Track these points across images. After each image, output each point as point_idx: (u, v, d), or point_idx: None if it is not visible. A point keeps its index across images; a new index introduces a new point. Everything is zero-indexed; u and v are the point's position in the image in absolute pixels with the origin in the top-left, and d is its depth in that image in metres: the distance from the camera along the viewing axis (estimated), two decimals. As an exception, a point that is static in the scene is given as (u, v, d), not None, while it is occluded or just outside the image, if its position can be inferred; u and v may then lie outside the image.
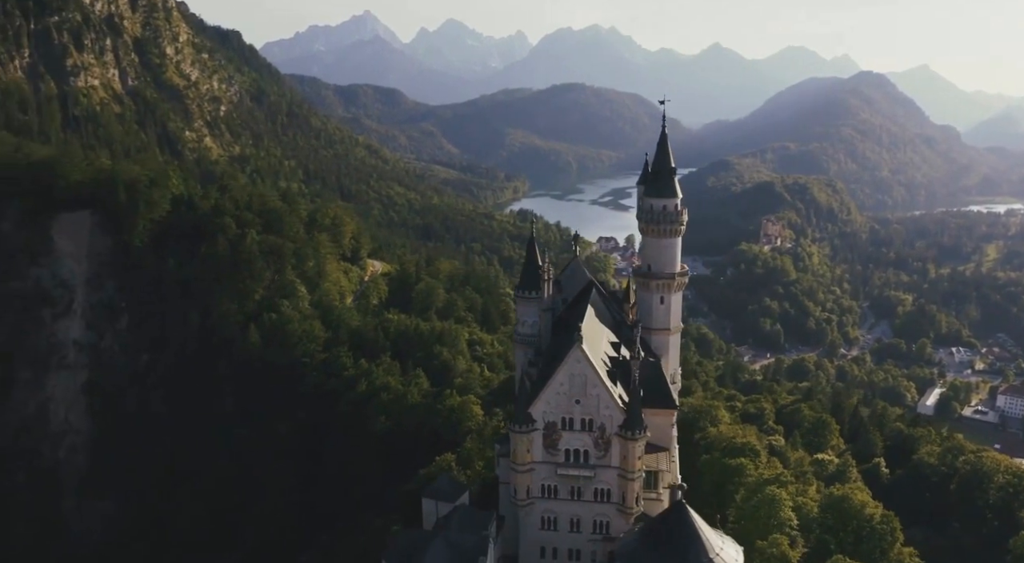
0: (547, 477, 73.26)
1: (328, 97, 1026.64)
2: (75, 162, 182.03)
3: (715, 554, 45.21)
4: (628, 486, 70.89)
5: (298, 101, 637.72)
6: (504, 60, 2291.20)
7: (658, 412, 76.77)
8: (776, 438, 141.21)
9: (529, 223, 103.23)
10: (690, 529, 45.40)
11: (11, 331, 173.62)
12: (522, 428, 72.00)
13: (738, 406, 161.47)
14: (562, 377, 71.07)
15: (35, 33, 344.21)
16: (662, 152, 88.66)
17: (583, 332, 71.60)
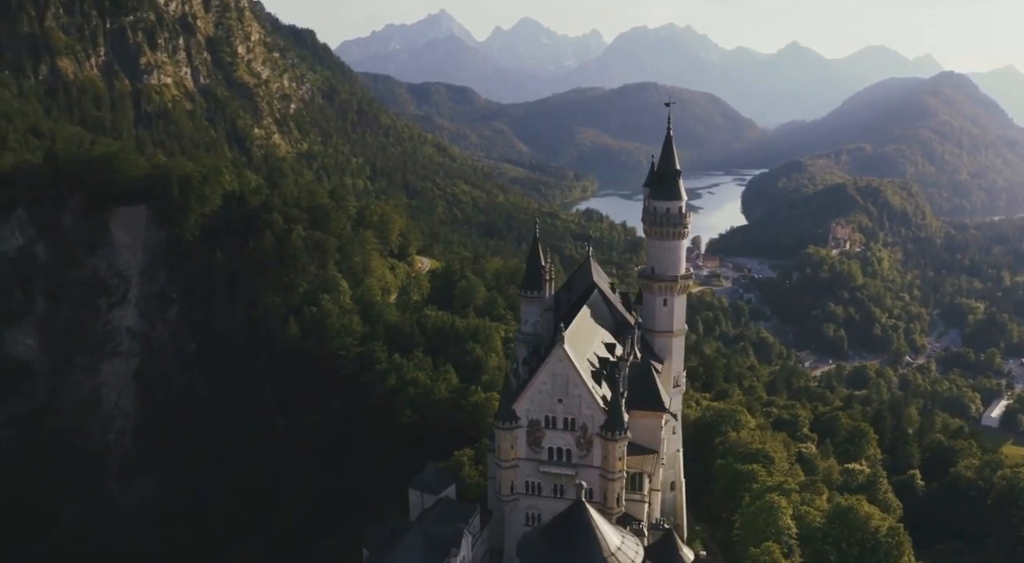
0: (531, 474, 74.17)
1: (401, 95, 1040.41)
2: (132, 158, 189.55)
3: (610, 553, 45.59)
4: (609, 486, 71.31)
5: (368, 99, 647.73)
6: (578, 59, 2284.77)
7: (647, 414, 76.94)
8: (807, 446, 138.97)
9: (533, 223, 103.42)
10: (587, 528, 45.83)
11: (70, 318, 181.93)
12: (506, 425, 73.04)
13: (774, 412, 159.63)
14: (544, 376, 71.84)
15: (111, 32, 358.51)
16: (667, 154, 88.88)
17: (567, 333, 72.18)
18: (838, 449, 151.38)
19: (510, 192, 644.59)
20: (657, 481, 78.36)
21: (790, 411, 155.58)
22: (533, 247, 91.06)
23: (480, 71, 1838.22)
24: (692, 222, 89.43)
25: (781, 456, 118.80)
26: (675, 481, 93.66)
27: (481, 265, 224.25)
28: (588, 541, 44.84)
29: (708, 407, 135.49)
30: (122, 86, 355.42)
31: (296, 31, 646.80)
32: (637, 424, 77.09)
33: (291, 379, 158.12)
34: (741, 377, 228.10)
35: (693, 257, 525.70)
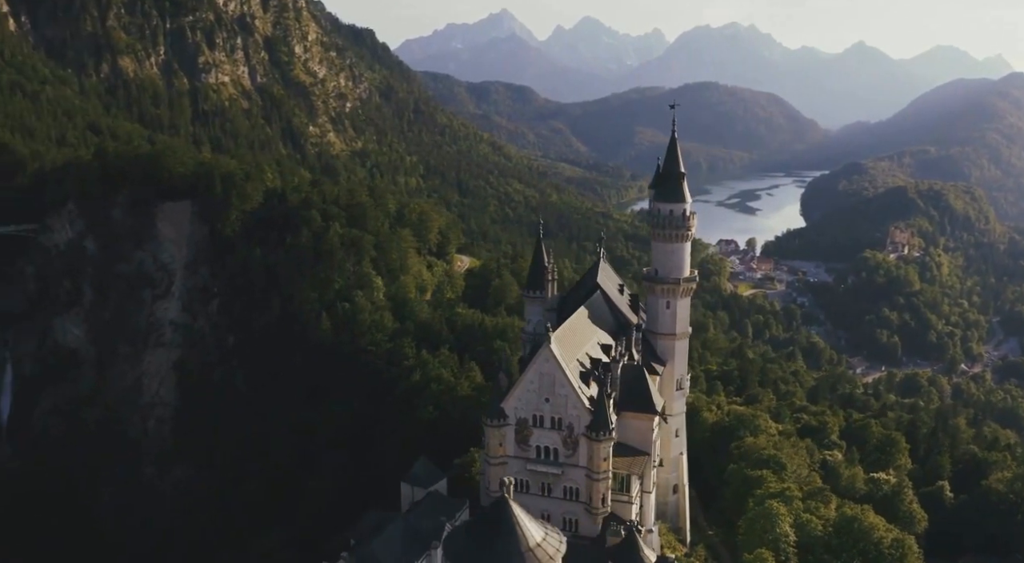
0: (518, 472, 75.04)
1: (460, 94, 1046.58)
2: (178, 156, 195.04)
3: (530, 547, 46.29)
4: (594, 486, 71.90)
5: (425, 98, 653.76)
6: (640, 58, 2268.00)
7: (638, 416, 77.29)
8: (832, 453, 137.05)
9: (539, 224, 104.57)
10: (508, 521, 46.56)
11: (116, 309, 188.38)
12: (494, 422, 74.17)
13: (804, 418, 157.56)
14: (532, 375, 72.74)
15: (170, 32, 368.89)
16: (671, 156, 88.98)
17: (556, 333, 72.95)
18: (868, 458, 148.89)
19: (565, 192, 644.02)
20: (649, 483, 78.47)
21: (819, 418, 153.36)
22: (537, 248, 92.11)
23: (540, 70, 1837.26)
24: (696, 224, 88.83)
25: (799, 462, 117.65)
26: (678, 484, 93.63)
27: (519, 264, 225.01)
28: (508, 536, 45.68)
29: (730, 411, 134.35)
30: (180, 84, 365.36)
31: (356, 31, 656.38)
32: (628, 425, 77.62)
33: (322, 373, 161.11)
34: (783, 382, 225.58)
35: (747, 259, 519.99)
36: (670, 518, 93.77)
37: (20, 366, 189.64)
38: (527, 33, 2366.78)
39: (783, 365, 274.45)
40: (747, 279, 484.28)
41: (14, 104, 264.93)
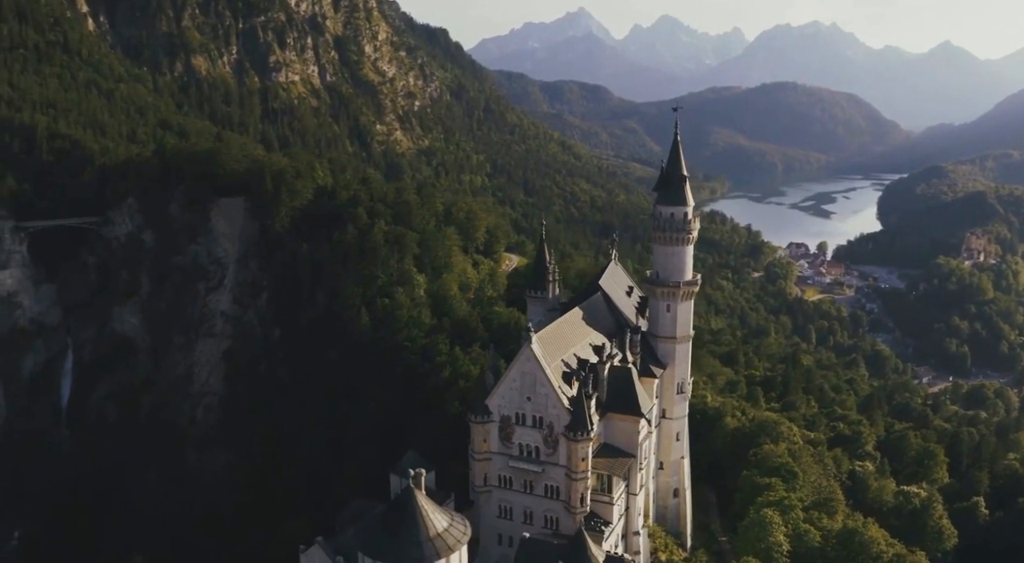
0: (502, 468, 76.51)
1: (534, 93, 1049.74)
2: (233, 153, 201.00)
3: (434, 535, 47.55)
4: (573, 486, 72.78)
5: (496, 97, 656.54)
6: (719, 57, 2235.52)
7: (624, 418, 77.76)
8: (864, 464, 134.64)
9: (538, 225, 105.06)
10: (412, 511, 47.91)
11: (171, 300, 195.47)
12: (478, 418, 75.75)
13: (839, 427, 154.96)
14: (514, 373, 74.00)
15: (243, 32, 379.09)
16: (674, 159, 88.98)
17: (539, 333, 73.97)
18: (905, 470, 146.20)
19: (633, 192, 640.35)
20: (635, 485, 78.81)
21: (854, 427, 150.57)
22: (540, 249, 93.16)
23: (617, 69, 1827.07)
24: (697, 227, 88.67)
25: (817, 471, 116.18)
26: (678, 488, 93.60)
27: (565, 264, 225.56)
28: (412, 524, 47.24)
29: (754, 417, 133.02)
30: (251, 83, 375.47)
31: (429, 30, 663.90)
32: (614, 427, 78.26)
33: (360, 367, 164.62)
34: (836, 390, 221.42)
35: (817, 263, 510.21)
36: (670, 522, 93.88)
37: (80, 352, 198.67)
38: (604, 32, 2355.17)
39: (839, 372, 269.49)
40: (815, 284, 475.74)
41: (89, 101, 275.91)
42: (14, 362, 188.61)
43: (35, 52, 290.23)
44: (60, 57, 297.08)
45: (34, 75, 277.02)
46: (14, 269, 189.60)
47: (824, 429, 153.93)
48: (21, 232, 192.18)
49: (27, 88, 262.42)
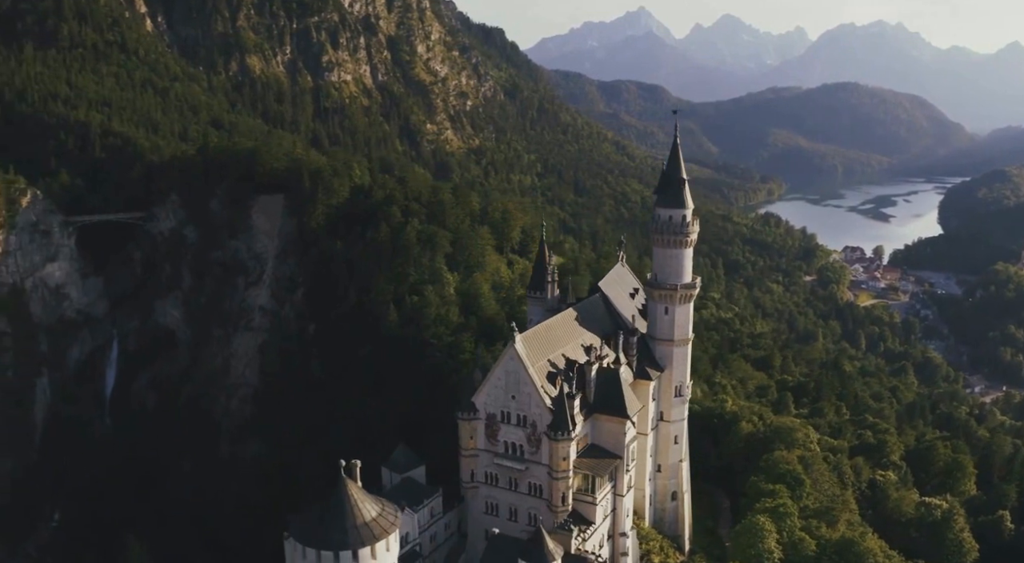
0: (488, 465, 77.62)
1: (591, 93, 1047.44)
2: (273, 152, 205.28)
3: (360, 523, 48.94)
4: (554, 485, 73.53)
5: (550, 97, 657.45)
6: (780, 56, 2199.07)
7: (611, 419, 78.20)
8: (885, 474, 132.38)
9: (540, 226, 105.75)
10: (341, 500, 49.52)
11: (211, 294, 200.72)
12: (465, 415, 77.06)
13: (865, 435, 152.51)
14: (499, 372, 75.06)
15: (296, 32, 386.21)
16: (673, 161, 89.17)
17: (524, 333, 74.88)
18: (932, 481, 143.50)
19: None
20: (622, 486, 79.16)
21: (879, 436, 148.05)
22: (540, 250, 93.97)
23: (676, 69, 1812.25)
24: (696, 230, 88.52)
25: (829, 480, 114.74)
26: (677, 491, 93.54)
27: (600, 265, 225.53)
28: (343, 511, 48.97)
29: (772, 422, 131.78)
30: (304, 82, 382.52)
31: (485, 30, 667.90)
32: (601, 428, 78.80)
33: (388, 364, 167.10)
34: (876, 398, 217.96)
35: (873, 268, 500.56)
36: (668, 525, 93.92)
37: (125, 343, 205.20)
38: (664, 31, 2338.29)
39: (883, 380, 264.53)
40: (869, 288, 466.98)
41: (144, 100, 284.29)
42: (61, 351, 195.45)
43: (93, 52, 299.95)
44: (118, 56, 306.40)
45: (92, 74, 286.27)
46: (62, 262, 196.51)
47: (849, 437, 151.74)
48: (70, 227, 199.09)
49: (84, 86, 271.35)
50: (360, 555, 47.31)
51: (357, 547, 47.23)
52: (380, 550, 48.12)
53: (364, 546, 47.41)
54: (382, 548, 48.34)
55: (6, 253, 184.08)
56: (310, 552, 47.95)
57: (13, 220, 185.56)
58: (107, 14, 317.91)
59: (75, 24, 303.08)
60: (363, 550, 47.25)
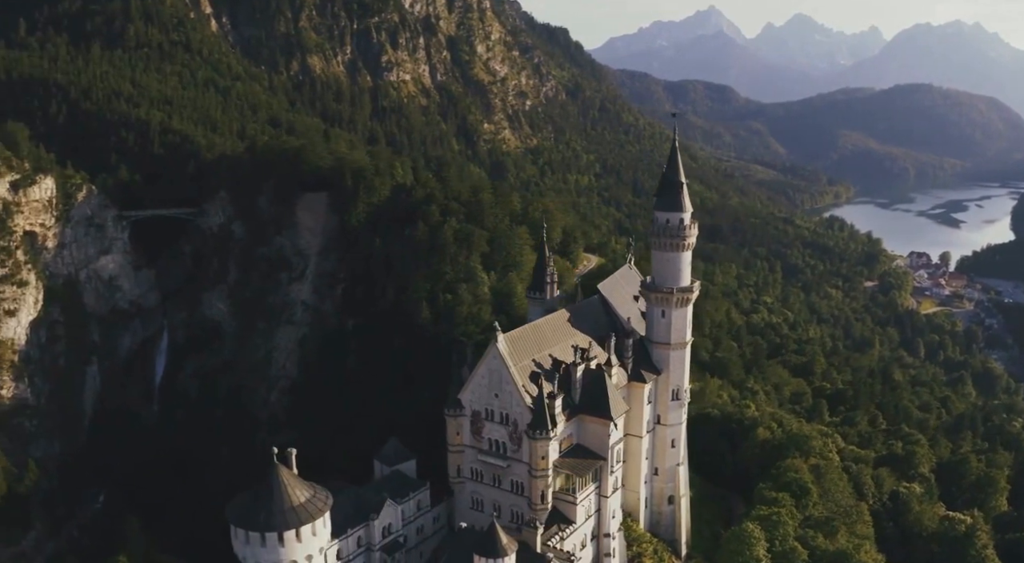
0: (473, 461, 79.33)
1: (657, 92, 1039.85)
2: (318, 150, 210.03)
3: (289, 507, 50.90)
4: (533, 483, 74.80)
5: (613, 96, 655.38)
6: (854, 57, 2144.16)
7: (595, 420, 79.15)
8: (910, 486, 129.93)
9: (541, 227, 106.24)
10: (272, 485, 51.70)
11: (256, 288, 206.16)
12: (451, 412, 78.98)
13: (894, 446, 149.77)
14: (483, 370, 76.74)
15: (357, 32, 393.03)
16: (672, 164, 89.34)
17: (509, 333, 76.27)
18: (963, 495, 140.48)
19: (749, 195, 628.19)
20: (607, 487, 79.97)
21: (909, 448, 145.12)
22: (540, 252, 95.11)
23: (746, 68, 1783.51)
24: (694, 234, 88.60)
25: (843, 490, 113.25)
26: (673, 495, 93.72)
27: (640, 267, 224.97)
28: (273, 496, 51.10)
29: (791, 429, 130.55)
30: (363, 82, 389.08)
31: (549, 30, 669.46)
32: (587, 429, 79.83)
33: (419, 360, 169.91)
34: (925, 409, 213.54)
35: (938, 275, 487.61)
36: (665, 528, 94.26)
37: (174, 334, 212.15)
38: (735, 30, 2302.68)
39: (935, 390, 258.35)
40: (933, 295, 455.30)
41: (205, 99, 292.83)
42: (113, 341, 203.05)
43: (158, 51, 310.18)
44: (182, 56, 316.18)
45: (155, 73, 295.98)
46: (115, 255, 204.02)
47: (878, 447, 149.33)
48: (123, 221, 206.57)
49: (147, 85, 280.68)
50: (285, 537, 49.68)
51: (283, 529, 49.75)
52: (306, 533, 50.47)
53: (290, 529, 49.75)
54: (308, 532, 50.61)
55: (61, 245, 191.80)
56: (241, 532, 50.52)
57: (69, 214, 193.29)
58: (173, 15, 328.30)
59: (141, 25, 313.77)
60: (288, 532, 49.73)
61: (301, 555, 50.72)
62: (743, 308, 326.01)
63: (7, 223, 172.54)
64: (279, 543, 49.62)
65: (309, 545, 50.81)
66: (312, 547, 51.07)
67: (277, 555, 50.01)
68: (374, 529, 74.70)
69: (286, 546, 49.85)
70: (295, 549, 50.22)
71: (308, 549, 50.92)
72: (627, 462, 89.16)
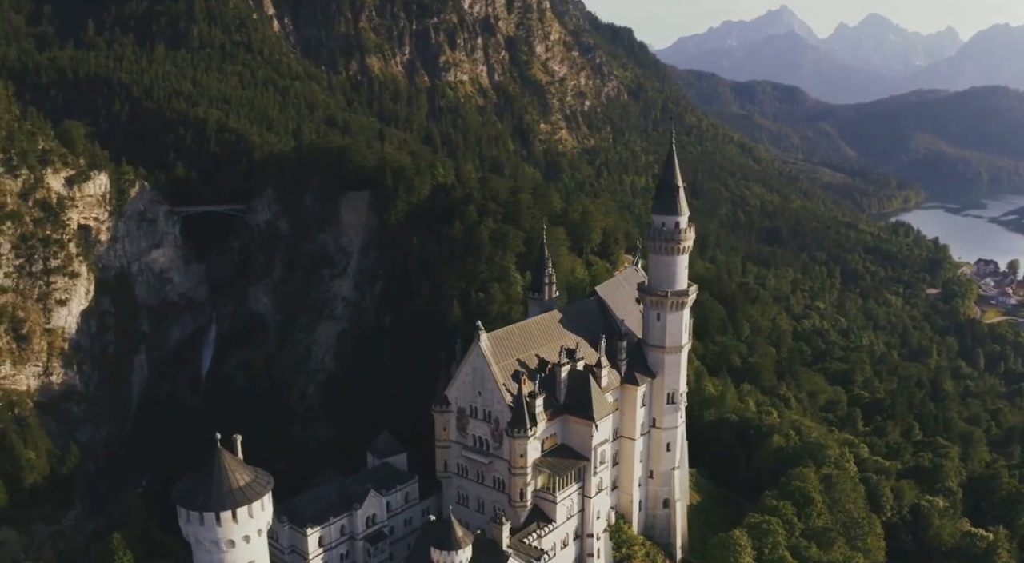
0: (459, 457, 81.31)
1: (724, 93, 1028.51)
2: (362, 150, 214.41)
3: (228, 490, 53.33)
4: (512, 481, 76.42)
5: (676, 97, 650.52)
6: (929, 58, 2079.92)
7: (578, 421, 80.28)
8: (932, 499, 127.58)
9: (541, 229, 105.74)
10: (216, 468, 54.14)
11: (300, 284, 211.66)
12: (438, 408, 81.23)
13: (922, 458, 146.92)
14: (468, 368, 78.76)
15: (415, 33, 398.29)
16: (669, 168, 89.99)
17: (494, 332, 78.07)
18: (993, 511, 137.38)
19: (814, 198, 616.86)
20: (590, 488, 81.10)
21: (937, 461, 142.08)
22: (540, 252, 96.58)
23: (817, 69, 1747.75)
24: (691, 237, 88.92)
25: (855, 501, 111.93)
26: (668, 499, 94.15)
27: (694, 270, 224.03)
28: (213, 478, 53.86)
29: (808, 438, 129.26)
30: (421, 82, 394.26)
31: (614, 29, 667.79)
32: (571, 429, 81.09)
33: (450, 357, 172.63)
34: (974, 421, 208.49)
35: (1005, 283, 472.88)
36: (660, 532, 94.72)
37: (222, 326, 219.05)
38: (807, 30, 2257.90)
39: (988, 401, 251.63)
40: (999, 304, 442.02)
41: (263, 98, 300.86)
42: (162, 332, 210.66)
43: (220, 52, 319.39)
44: (243, 56, 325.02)
45: (216, 73, 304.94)
46: (167, 249, 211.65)
47: (907, 458, 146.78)
48: (175, 216, 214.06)
49: (207, 85, 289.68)
50: (221, 517, 52.73)
51: (219, 510, 52.70)
52: (242, 514, 53.44)
53: (226, 510, 52.78)
54: (244, 513, 53.57)
55: (114, 239, 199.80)
56: (183, 512, 53.92)
57: (122, 208, 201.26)
58: (235, 16, 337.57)
59: (205, 26, 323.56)
60: (224, 513, 52.71)
61: (238, 535, 53.88)
62: (794, 313, 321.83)
63: (60, 217, 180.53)
64: (216, 522, 52.74)
65: (246, 525, 53.89)
66: (250, 528, 54.17)
67: (215, 534, 53.29)
68: (357, 518, 77.46)
69: (223, 526, 53.11)
70: (232, 529, 53.46)
71: (245, 529, 54.07)
72: (620, 464, 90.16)
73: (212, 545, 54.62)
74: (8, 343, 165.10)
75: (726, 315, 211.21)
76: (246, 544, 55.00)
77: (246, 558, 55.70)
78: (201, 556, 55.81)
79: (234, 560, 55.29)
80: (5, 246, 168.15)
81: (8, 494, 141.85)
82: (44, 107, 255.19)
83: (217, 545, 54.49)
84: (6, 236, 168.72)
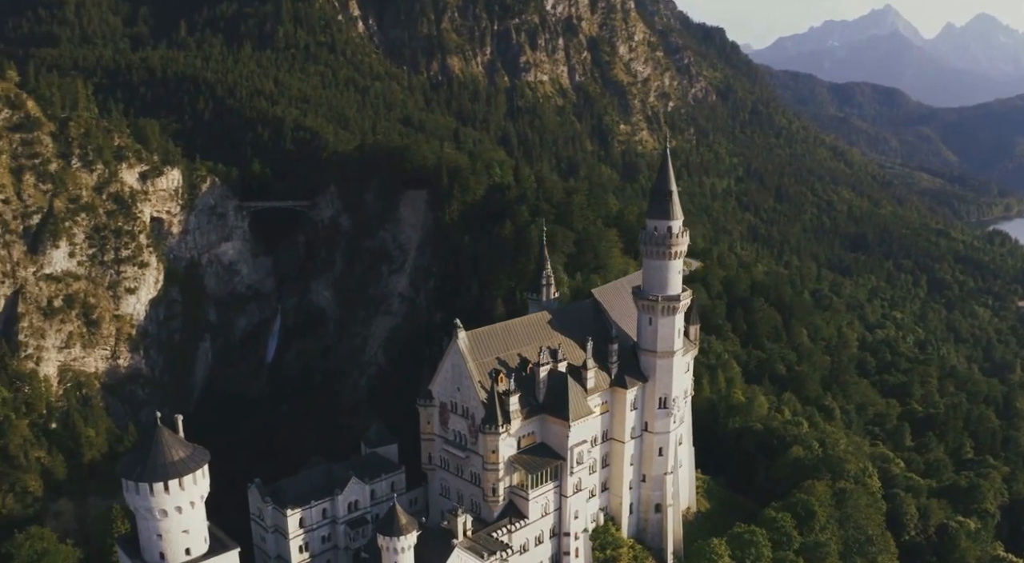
0: (441, 450, 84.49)
1: (821, 95, 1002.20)
2: (422, 150, 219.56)
3: (165, 462, 57.67)
4: (485, 476, 79.13)
5: (766, 98, 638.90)
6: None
7: (555, 421, 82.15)
8: (963, 520, 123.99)
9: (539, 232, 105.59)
10: (155, 443, 58.30)
11: (359, 279, 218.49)
12: (422, 402, 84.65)
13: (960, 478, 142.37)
14: (448, 364, 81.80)
15: (497, 33, 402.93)
16: (663, 173, 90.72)
17: (474, 330, 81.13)
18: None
19: (908, 204, 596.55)
20: (567, 487, 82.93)
21: (978, 480, 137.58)
22: (540, 254, 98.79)
23: (921, 71, 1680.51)
24: (684, 242, 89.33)
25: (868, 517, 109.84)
26: (660, 503, 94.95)
27: (738, 274, 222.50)
28: (151, 451, 58.36)
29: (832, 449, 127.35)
30: (501, 82, 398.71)
31: (705, 29, 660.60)
32: (549, 429, 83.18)
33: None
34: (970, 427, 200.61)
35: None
36: (652, 536, 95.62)
37: (286, 318, 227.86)
38: (912, 31, 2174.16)
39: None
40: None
41: (343, 98, 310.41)
42: (229, 321, 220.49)
43: (304, 52, 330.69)
44: (326, 56, 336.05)
45: (299, 73, 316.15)
46: (235, 242, 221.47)
47: (947, 477, 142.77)
48: (244, 210, 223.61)
49: (289, 84, 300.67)
50: (155, 488, 57.74)
51: (153, 481, 57.71)
52: (174, 486, 58.37)
53: (158, 481, 57.70)
54: (175, 485, 58.45)
55: (186, 232, 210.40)
56: (124, 482, 59.20)
57: (193, 203, 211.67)
58: (320, 17, 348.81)
59: (291, 27, 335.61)
60: (157, 484, 57.67)
61: (171, 505, 59.25)
62: (868, 323, 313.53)
63: (132, 210, 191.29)
64: (150, 492, 57.72)
65: (179, 497, 59.38)
66: (182, 499, 59.61)
67: (149, 502, 58.61)
68: (339, 503, 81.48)
69: (156, 496, 58.28)
70: (165, 499, 58.92)
71: (178, 500, 59.52)
72: (611, 467, 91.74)
73: (148, 513, 59.91)
74: (79, 327, 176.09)
75: (781, 322, 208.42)
76: (178, 514, 60.04)
77: (180, 527, 60.76)
78: (140, 524, 61.50)
79: (168, 528, 60.45)
80: (79, 236, 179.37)
81: (68, 468, 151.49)
82: (133, 104, 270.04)
83: (152, 513, 59.71)
84: (80, 227, 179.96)
